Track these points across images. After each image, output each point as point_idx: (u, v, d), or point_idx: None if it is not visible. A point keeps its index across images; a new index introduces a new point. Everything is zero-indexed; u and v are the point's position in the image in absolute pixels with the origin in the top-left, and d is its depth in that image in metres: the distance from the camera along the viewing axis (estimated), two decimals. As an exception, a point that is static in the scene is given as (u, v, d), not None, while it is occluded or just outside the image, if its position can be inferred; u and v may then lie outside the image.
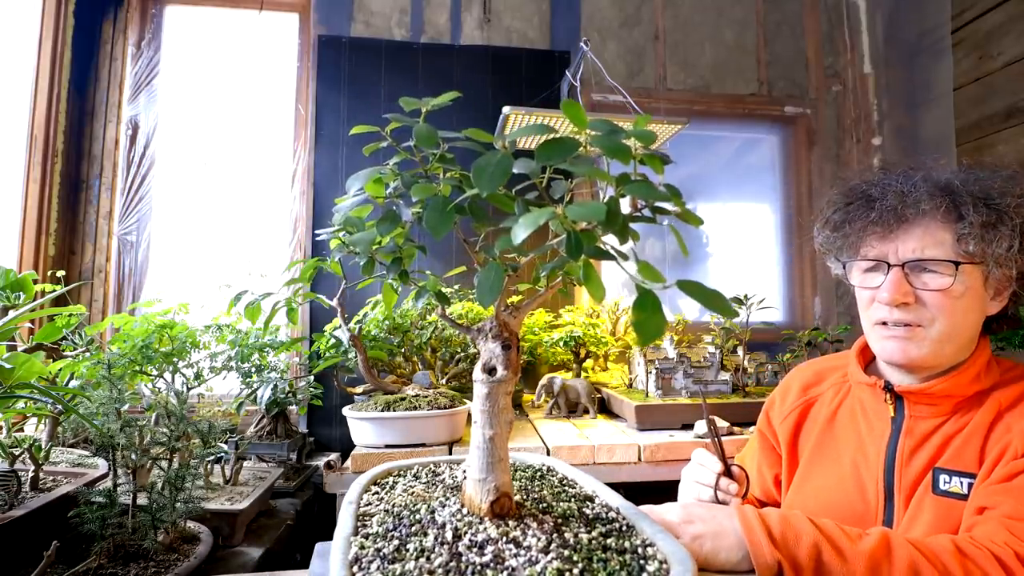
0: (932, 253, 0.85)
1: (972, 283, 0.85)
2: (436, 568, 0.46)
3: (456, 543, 0.49)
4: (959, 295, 0.85)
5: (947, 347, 0.87)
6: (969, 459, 0.83)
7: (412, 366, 2.02)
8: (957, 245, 0.84)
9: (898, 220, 0.88)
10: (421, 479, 0.69)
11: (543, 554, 0.47)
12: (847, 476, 0.94)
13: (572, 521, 0.54)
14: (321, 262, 0.66)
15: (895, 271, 0.87)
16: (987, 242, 0.83)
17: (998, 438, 0.82)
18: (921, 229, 0.86)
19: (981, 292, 0.87)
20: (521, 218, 0.41)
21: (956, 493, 0.82)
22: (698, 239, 2.92)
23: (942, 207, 0.84)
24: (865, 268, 0.94)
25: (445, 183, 0.50)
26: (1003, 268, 0.85)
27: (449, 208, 0.46)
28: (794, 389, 1.11)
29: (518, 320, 0.56)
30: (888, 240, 0.89)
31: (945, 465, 0.84)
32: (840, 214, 0.95)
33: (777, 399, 1.13)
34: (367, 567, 0.46)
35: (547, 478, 0.70)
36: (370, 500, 0.62)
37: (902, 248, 0.88)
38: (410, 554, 0.48)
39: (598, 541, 0.51)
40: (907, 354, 0.88)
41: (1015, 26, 2.29)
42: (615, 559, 0.48)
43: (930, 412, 0.89)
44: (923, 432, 0.88)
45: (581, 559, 0.47)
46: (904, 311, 0.87)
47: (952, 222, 0.85)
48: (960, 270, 0.84)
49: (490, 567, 0.46)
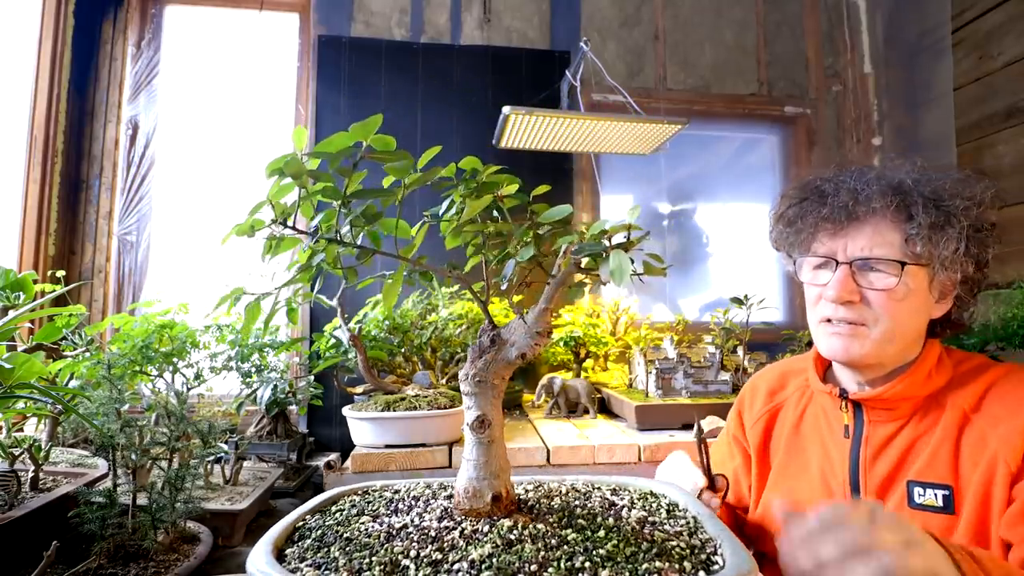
0: (880, 252, 0.84)
1: (917, 285, 0.84)
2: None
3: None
4: (903, 296, 0.83)
5: (889, 347, 0.86)
6: (942, 469, 0.81)
7: (412, 366, 2.02)
8: (905, 246, 0.83)
9: (849, 217, 0.87)
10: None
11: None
12: (816, 483, 0.93)
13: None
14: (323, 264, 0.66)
15: (842, 269, 0.86)
16: (934, 244, 0.82)
17: (973, 446, 0.80)
18: (871, 228, 0.86)
19: (926, 294, 0.86)
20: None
21: (932, 506, 0.80)
22: (698, 239, 2.92)
23: (892, 206, 0.84)
24: (814, 265, 0.93)
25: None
26: (949, 271, 0.84)
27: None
28: (761, 393, 1.10)
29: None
30: (838, 237, 0.89)
31: (917, 477, 0.82)
32: (794, 209, 0.94)
33: (746, 402, 1.12)
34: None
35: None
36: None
37: (851, 246, 0.87)
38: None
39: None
40: (849, 352, 0.87)
41: (1015, 26, 2.29)
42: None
43: (887, 417, 0.88)
44: (882, 438, 0.88)
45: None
46: (849, 309, 0.86)
47: (901, 222, 0.84)
48: (906, 271, 0.83)
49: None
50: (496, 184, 0.55)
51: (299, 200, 0.49)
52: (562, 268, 0.51)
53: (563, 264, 0.51)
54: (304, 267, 0.51)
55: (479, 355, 0.56)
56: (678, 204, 2.91)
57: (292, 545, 0.52)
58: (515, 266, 0.54)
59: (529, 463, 1.60)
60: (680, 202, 2.91)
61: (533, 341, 0.53)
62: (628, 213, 0.48)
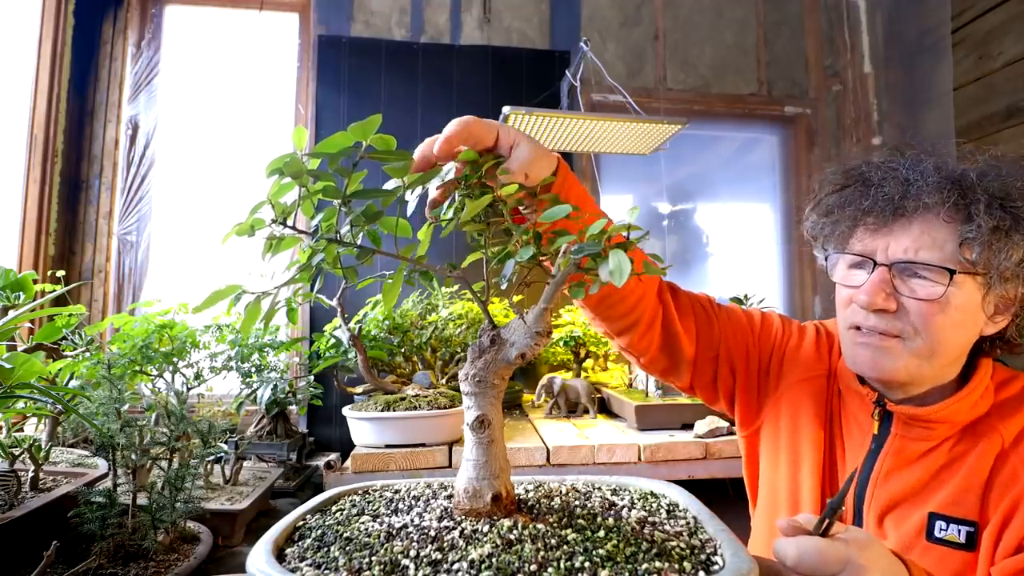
0: (926, 256, 0.72)
1: (967, 297, 0.72)
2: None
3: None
4: (949, 308, 0.71)
5: (925, 366, 0.75)
6: (969, 505, 0.73)
7: (412, 366, 2.02)
8: (958, 251, 0.71)
9: (895, 212, 0.75)
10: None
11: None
12: (815, 481, 0.86)
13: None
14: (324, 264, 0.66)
15: (880, 271, 0.75)
16: (994, 251, 0.69)
17: (1004, 484, 0.71)
18: (919, 226, 0.73)
19: (977, 308, 0.73)
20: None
21: (953, 542, 0.72)
22: (698, 239, 2.92)
23: (948, 202, 0.71)
24: (850, 263, 0.81)
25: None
26: (1009, 283, 0.71)
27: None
28: (824, 346, 0.95)
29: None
30: (880, 235, 0.77)
31: (941, 510, 0.74)
32: (833, 197, 0.82)
33: (808, 340, 0.96)
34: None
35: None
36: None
37: (894, 245, 0.75)
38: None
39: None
40: (878, 366, 0.76)
41: (1015, 26, 2.29)
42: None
43: (919, 435, 0.78)
44: (906, 457, 0.78)
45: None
46: (881, 318, 0.75)
47: (958, 222, 0.71)
48: (955, 280, 0.70)
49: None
50: (494, 187, 0.55)
51: (299, 199, 0.49)
52: (562, 268, 0.51)
53: (563, 264, 0.51)
54: (304, 267, 0.51)
55: (479, 355, 0.56)
56: (678, 204, 2.91)
57: (292, 545, 0.52)
58: (515, 266, 0.54)
59: (529, 463, 1.60)
60: (680, 202, 2.91)
61: (533, 341, 0.53)
62: (628, 213, 0.48)
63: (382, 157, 0.48)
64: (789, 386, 0.93)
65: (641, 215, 0.86)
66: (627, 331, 0.88)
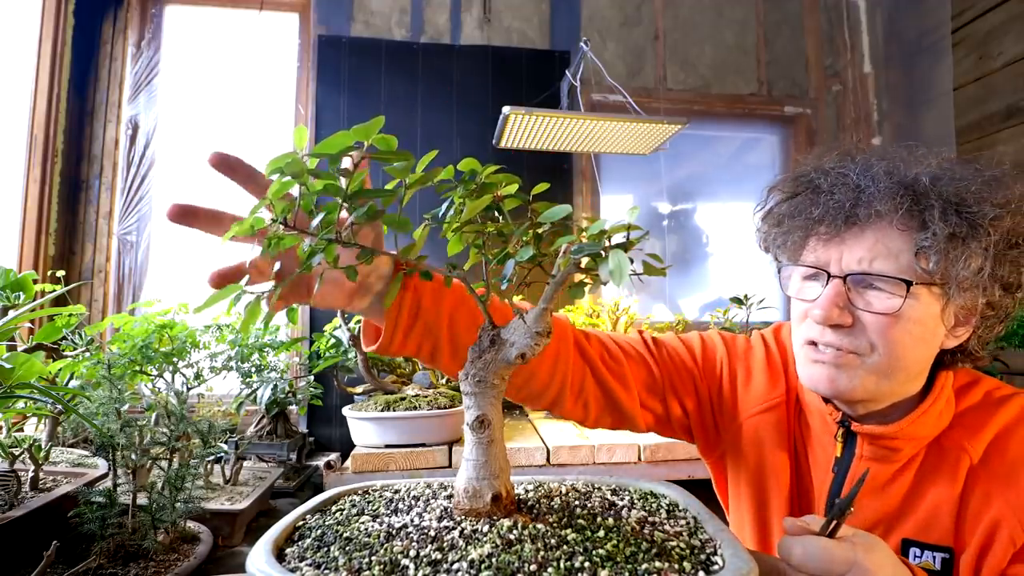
0: (881, 266, 0.68)
1: (926, 309, 0.68)
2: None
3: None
4: (908, 321, 0.68)
5: (885, 383, 0.71)
6: (942, 530, 0.70)
7: (412, 366, 2.02)
8: (915, 260, 0.67)
9: (847, 221, 0.71)
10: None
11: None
12: (782, 509, 0.82)
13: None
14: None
15: (835, 284, 0.70)
16: (951, 260, 0.65)
17: (977, 508, 0.69)
18: (873, 235, 0.69)
19: (937, 320, 0.69)
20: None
21: (929, 569, 0.70)
22: (698, 239, 2.92)
23: (901, 209, 0.67)
24: (804, 275, 0.77)
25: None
26: (968, 294, 0.67)
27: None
28: (779, 370, 0.90)
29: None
30: (832, 245, 0.72)
31: (915, 536, 0.72)
32: (784, 206, 0.78)
33: (754, 362, 0.92)
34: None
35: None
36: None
37: (847, 256, 0.70)
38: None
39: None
40: (835, 384, 0.72)
41: (1015, 26, 2.29)
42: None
43: (885, 456, 0.75)
44: (876, 483, 0.75)
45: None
46: (837, 334, 0.71)
47: (912, 230, 0.67)
48: (912, 292, 0.67)
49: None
50: (494, 185, 0.55)
51: (299, 199, 0.49)
52: (562, 268, 0.51)
53: (562, 264, 0.51)
54: (304, 266, 0.51)
55: (479, 355, 0.56)
56: (678, 204, 2.91)
57: (292, 545, 0.52)
58: (515, 266, 0.54)
59: (529, 463, 1.61)
60: (680, 202, 2.91)
61: (533, 341, 0.53)
62: (628, 213, 0.48)
63: (384, 157, 0.48)
64: (747, 420, 0.89)
65: (641, 215, 0.85)
66: (557, 402, 0.83)
